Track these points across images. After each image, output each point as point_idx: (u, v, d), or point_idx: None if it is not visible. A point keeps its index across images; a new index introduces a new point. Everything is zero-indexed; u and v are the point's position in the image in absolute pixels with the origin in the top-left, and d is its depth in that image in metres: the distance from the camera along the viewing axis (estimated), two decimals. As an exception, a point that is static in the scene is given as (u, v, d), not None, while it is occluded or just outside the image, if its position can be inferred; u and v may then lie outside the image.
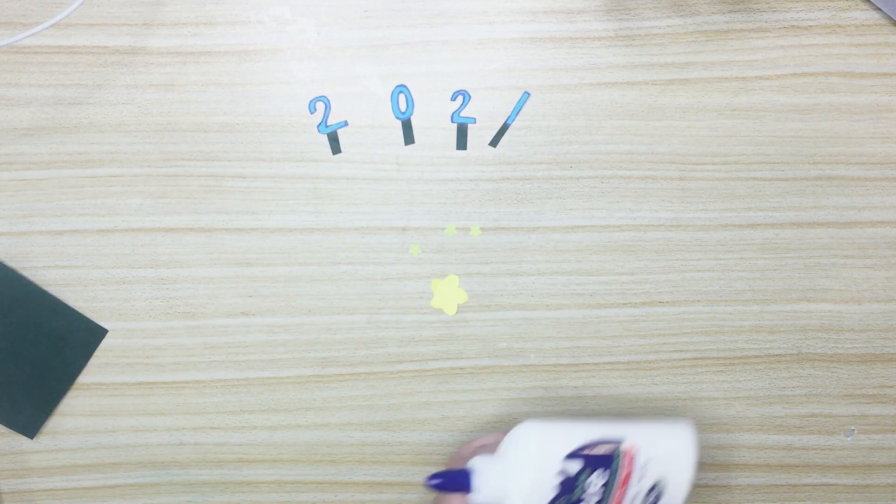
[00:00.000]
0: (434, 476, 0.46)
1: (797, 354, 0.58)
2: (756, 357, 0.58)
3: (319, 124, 0.56)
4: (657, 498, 0.48)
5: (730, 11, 0.55)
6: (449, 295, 0.57)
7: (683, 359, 0.58)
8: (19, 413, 0.57)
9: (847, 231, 0.57)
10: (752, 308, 0.58)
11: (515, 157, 0.56)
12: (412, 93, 0.56)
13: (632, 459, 0.47)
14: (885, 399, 0.59)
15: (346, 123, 0.56)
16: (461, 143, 0.56)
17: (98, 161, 0.56)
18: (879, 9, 0.54)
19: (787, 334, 0.58)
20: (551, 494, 0.46)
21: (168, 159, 0.56)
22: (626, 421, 0.50)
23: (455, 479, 0.46)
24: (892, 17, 0.54)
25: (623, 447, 0.47)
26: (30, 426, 0.58)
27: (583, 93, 0.56)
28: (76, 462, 0.59)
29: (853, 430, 0.59)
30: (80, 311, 0.57)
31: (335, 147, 0.56)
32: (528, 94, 0.56)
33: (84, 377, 0.58)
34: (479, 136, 0.56)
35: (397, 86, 0.56)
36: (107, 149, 0.56)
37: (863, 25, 0.55)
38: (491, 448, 0.49)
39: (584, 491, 0.47)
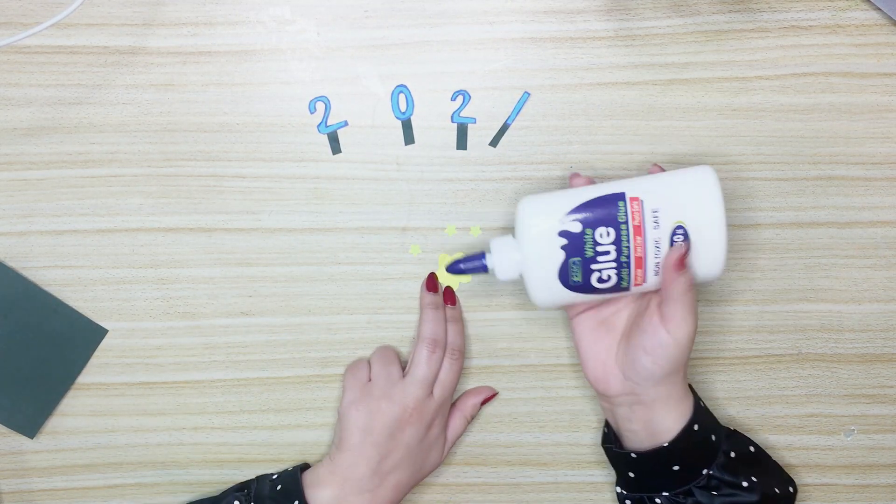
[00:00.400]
0: (453, 263, 0.51)
1: (797, 354, 0.58)
2: (756, 357, 0.58)
3: (319, 124, 0.56)
4: (685, 238, 0.47)
5: (730, 11, 0.55)
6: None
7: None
8: (19, 413, 0.57)
9: (847, 231, 0.57)
10: (752, 308, 0.58)
11: (515, 157, 0.56)
12: (412, 93, 0.56)
13: (639, 210, 0.47)
14: (885, 399, 0.59)
15: (346, 123, 0.56)
16: (461, 143, 0.56)
17: (98, 161, 0.56)
18: (879, 9, 0.54)
19: (787, 334, 0.58)
20: (561, 257, 0.48)
21: (168, 159, 0.56)
22: (636, 178, 0.49)
23: (471, 262, 0.51)
24: (892, 17, 0.54)
25: (625, 199, 0.47)
26: (30, 426, 0.58)
27: (583, 93, 0.56)
28: (76, 462, 0.59)
29: (853, 430, 0.59)
30: (80, 311, 0.57)
31: (335, 147, 0.56)
32: (528, 94, 0.56)
33: (84, 377, 0.58)
34: (479, 136, 0.56)
35: (397, 86, 0.56)
36: (107, 149, 0.56)
37: (863, 25, 0.55)
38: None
39: (594, 249, 0.47)
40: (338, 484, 0.52)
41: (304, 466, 0.56)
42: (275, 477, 0.54)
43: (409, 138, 0.56)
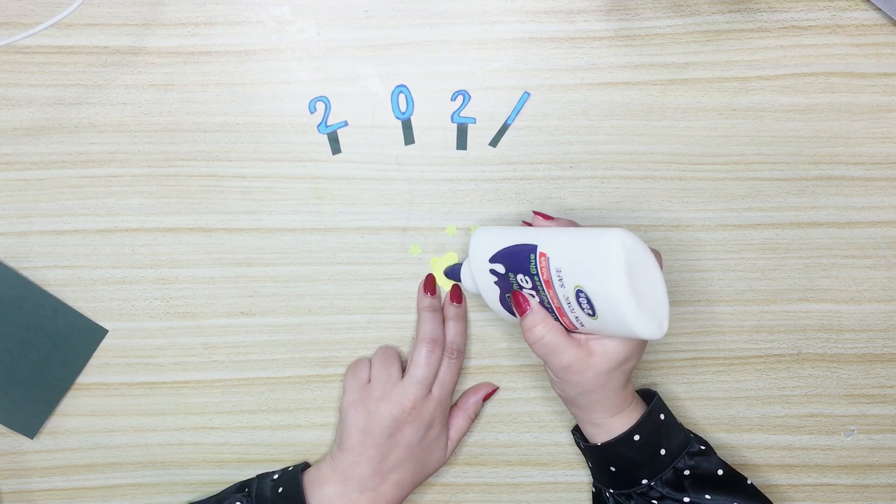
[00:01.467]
0: (449, 268, 0.56)
1: (797, 354, 0.58)
2: (756, 357, 0.58)
3: (319, 124, 0.56)
4: (590, 305, 0.43)
5: (730, 11, 0.55)
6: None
7: (683, 359, 0.58)
8: (19, 413, 0.57)
9: (847, 231, 0.57)
10: (752, 308, 0.58)
11: (515, 157, 0.56)
12: (412, 93, 0.56)
13: (545, 266, 0.45)
14: (885, 399, 0.59)
15: (346, 123, 0.56)
16: (461, 143, 0.56)
17: (98, 161, 0.56)
18: (879, 9, 0.54)
19: (787, 334, 0.58)
20: (497, 289, 0.50)
21: (168, 159, 0.56)
22: (557, 229, 0.47)
23: (452, 271, 0.55)
24: (892, 17, 0.54)
25: (536, 252, 0.46)
26: (30, 426, 0.58)
27: (583, 93, 0.56)
28: (76, 462, 0.59)
29: (853, 430, 0.59)
30: (80, 311, 0.57)
31: (335, 147, 0.56)
32: (528, 94, 0.56)
33: (84, 377, 0.58)
34: (479, 136, 0.56)
35: (397, 86, 0.56)
36: (107, 149, 0.56)
37: (863, 25, 0.55)
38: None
39: (521, 287, 0.48)
40: (339, 482, 0.52)
41: (305, 466, 0.56)
42: (276, 477, 0.54)
43: (409, 138, 0.56)
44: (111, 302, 0.57)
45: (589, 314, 0.44)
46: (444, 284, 0.57)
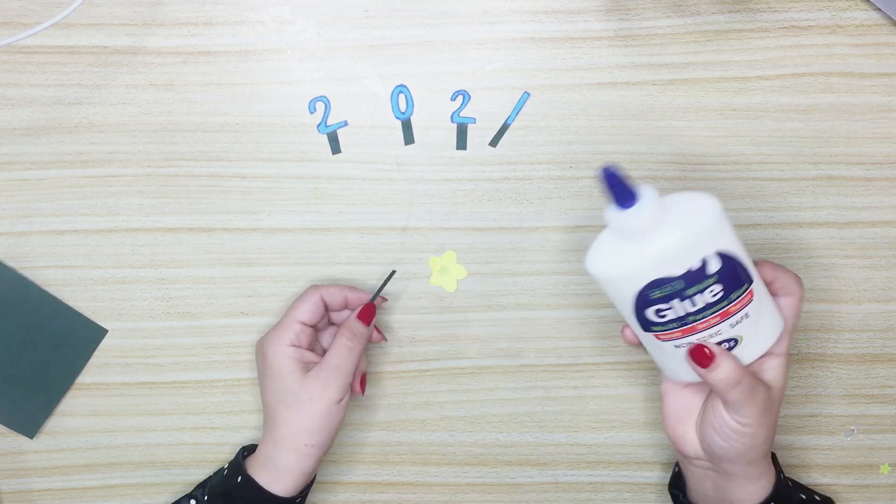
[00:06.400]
0: (610, 173, 0.40)
1: (797, 354, 0.58)
2: (756, 357, 0.58)
3: (319, 124, 0.56)
4: (734, 344, 0.44)
5: (730, 11, 0.55)
6: (448, 271, 0.57)
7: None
8: (19, 413, 0.57)
9: (847, 231, 0.57)
10: (752, 308, 0.58)
11: (515, 157, 0.56)
12: (412, 93, 0.56)
13: (744, 305, 0.43)
14: (885, 399, 0.59)
15: (346, 123, 0.56)
16: (461, 143, 0.56)
17: (98, 161, 0.56)
18: (879, 9, 0.54)
19: (787, 334, 0.58)
20: (684, 269, 0.42)
21: (168, 159, 0.56)
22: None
23: (623, 190, 0.41)
24: (892, 17, 0.54)
25: (748, 288, 0.43)
26: (30, 426, 0.58)
27: (583, 93, 0.56)
28: (76, 462, 0.59)
29: (853, 430, 0.59)
30: (80, 311, 0.57)
31: (335, 147, 0.56)
32: (528, 94, 0.56)
33: (84, 377, 0.58)
34: (479, 136, 0.56)
35: (397, 86, 0.56)
36: (107, 149, 0.56)
37: (863, 25, 0.55)
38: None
39: (701, 292, 0.42)
40: (265, 446, 0.52)
41: (248, 448, 0.55)
42: (225, 465, 0.54)
43: (409, 138, 0.56)
44: (111, 302, 0.57)
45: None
46: (449, 282, 0.57)
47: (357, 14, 0.55)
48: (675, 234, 0.41)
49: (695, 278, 0.41)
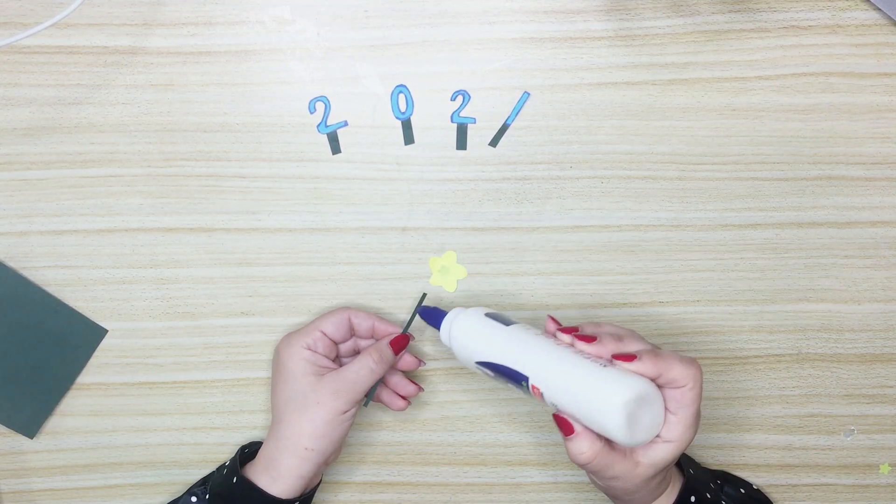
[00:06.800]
0: (424, 308, 0.54)
1: (797, 354, 0.58)
2: (756, 357, 0.58)
3: (319, 124, 0.56)
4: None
5: (730, 11, 0.55)
6: (448, 271, 0.57)
7: (683, 359, 0.58)
8: (19, 413, 0.57)
9: (847, 231, 0.57)
10: (752, 308, 0.58)
11: (515, 157, 0.56)
12: (412, 93, 0.56)
13: (539, 395, 0.46)
14: (885, 399, 0.59)
15: (346, 123, 0.56)
16: (461, 143, 0.56)
17: (98, 161, 0.56)
18: (879, 9, 0.54)
19: (787, 334, 0.58)
20: (485, 373, 0.50)
21: (168, 159, 0.56)
22: (548, 357, 0.46)
23: (432, 315, 0.53)
24: (892, 17, 0.54)
25: (529, 383, 0.46)
26: (30, 426, 0.58)
27: (583, 93, 0.56)
28: (76, 462, 0.59)
29: (853, 430, 0.59)
30: (80, 311, 0.57)
31: (335, 147, 0.56)
32: (528, 94, 0.56)
33: (84, 377, 0.58)
34: (479, 136, 0.56)
35: (397, 86, 0.56)
36: (107, 149, 0.56)
37: (863, 25, 0.55)
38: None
39: (528, 391, 0.47)
40: (268, 446, 0.52)
41: (250, 445, 0.55)
42: (226, 463, 0.54)
43: (409, 138, 0.56)
44: (111, 302, 0.57)
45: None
46: (445, 285, 0.57)
47: (357, 14, 0.55)
48: (450, 342, 0.51)
49: (495, 377, 0.49)
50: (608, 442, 0.45)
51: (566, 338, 0.47)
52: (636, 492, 0.47)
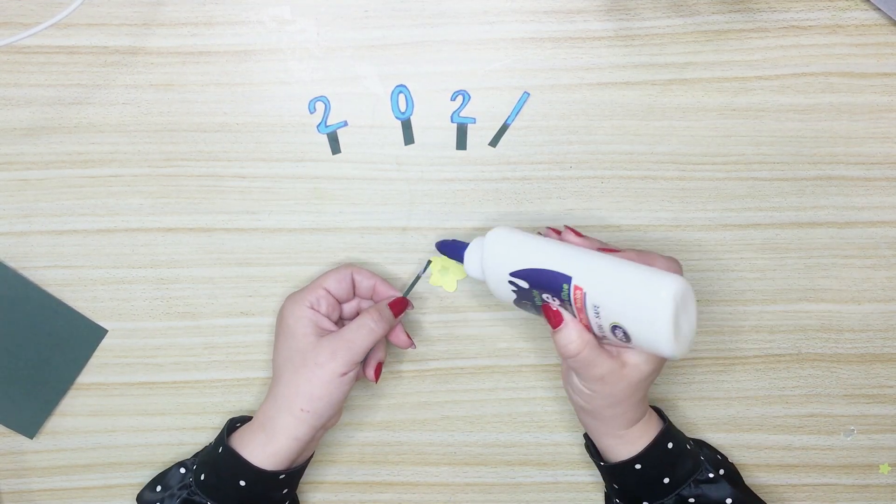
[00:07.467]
0: (444, 241, 0.54)
1: (797, 354, 0.58)
2: (755, 357, 0.58)
3: (319, 124, 0.56)
4: (626, 336, 0.44)
5: (730, 11, 0.55)
6: (448, 271, 0.57)
7: (683, 359, 0.58)
8: (19, 413, 0.57)
9: (847, 231, 0.57)
10: (752, 308, 0.58)
11: (515, 157, 0.56)
12: (412, 93, 0.56)
13: (580, 298, 0.44)
14: (885, 399, 0.59)
15: (345, 123, 0.56)
16: (461, 143, 0.56)
17: (98, 161, 0.56)
18: (879, 9, 0.54)
19: (787, 334, 0.58)
20: (513, 295, 0.49)
21: (168, 159, 0.56)
22: (594, 260, 0.45)
23: (452, 248, 0.53)
24: (892, 17, 0.54)
25: (571, 285, 0.44)
26: (30, 426, 0.58)
27: (583, 93, 0.56)
28: (76, 462, 0.59)
29: (853, 430, 0.59)
30: (80, 311, 0.57)
31: (335, 147, 0.56)
32: (528, 94, 0.56)
33: (84, 377, 0.58)
34: (479, 136, 0.56)
35: (397, 86, 0.56)
36: (107, 149, 0.56)
37: (863, 25, 0.55)
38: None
39: (542, 301, 0.47)
40: (264, 405, 0.52)
41: (238, 417, 0.55)
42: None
43: (408, 138, 0.56)
44: (111, 302, 0.57)
45: (622, 341, 0.44)
46: (449, 282, 0.57)
47: (357, 14, 0.55)
48: (480, 266, 0.50)
49: (525, 295, 0.48)
50: (596, 338, 0.46)
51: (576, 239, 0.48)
52: (618, 404, 0.48)
